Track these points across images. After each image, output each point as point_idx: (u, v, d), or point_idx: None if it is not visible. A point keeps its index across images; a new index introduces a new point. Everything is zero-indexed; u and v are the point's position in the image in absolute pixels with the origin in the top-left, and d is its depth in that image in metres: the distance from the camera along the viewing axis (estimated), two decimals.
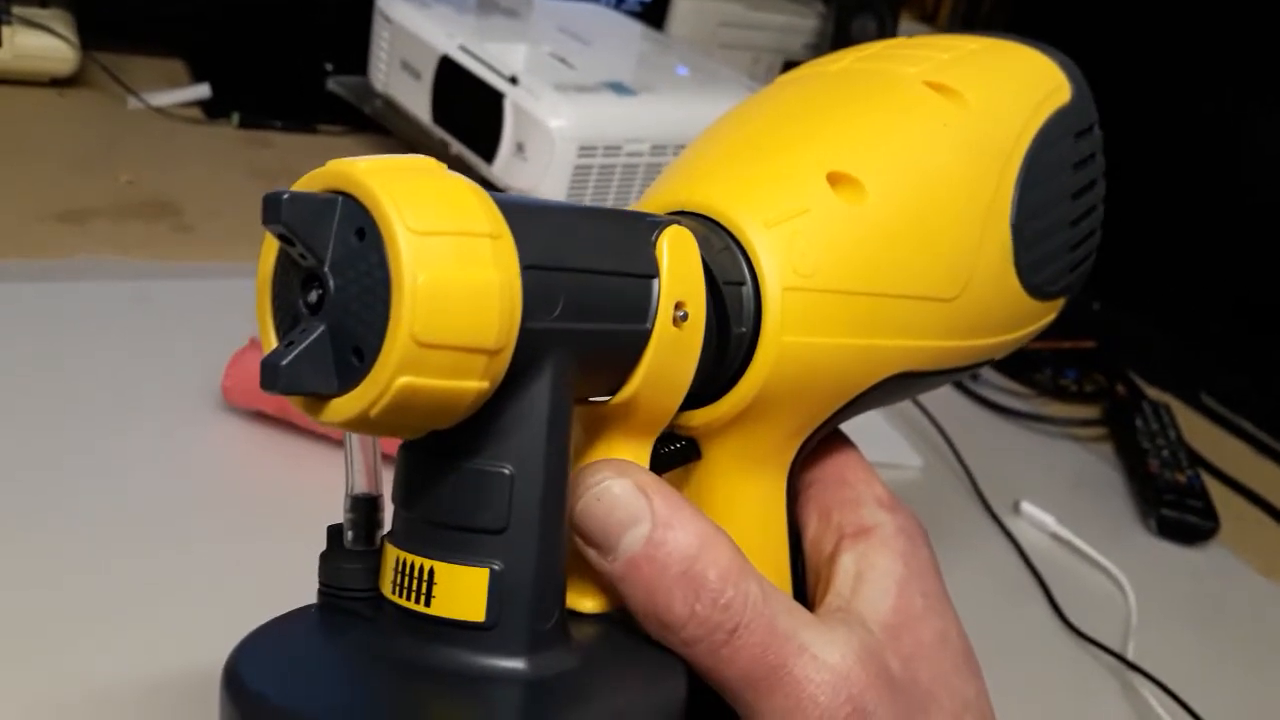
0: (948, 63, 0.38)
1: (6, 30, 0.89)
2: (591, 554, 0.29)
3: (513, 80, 0.80)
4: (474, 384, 0.24)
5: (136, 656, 0.43)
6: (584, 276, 0.26)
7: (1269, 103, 0.98)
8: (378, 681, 0.26)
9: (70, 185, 0.80)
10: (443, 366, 0.23)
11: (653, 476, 0.29)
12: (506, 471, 0.26)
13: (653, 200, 0.33)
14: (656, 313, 0.28)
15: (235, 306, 0.50)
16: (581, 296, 0.26)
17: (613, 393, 0.29)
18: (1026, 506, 0.72)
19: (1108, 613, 0.65)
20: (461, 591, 0.26)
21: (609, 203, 0.83)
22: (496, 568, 0.26)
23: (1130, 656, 0.61)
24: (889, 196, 0.33)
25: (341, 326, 0.24)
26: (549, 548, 0.26)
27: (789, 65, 1.28)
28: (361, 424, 0.24)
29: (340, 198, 0.24)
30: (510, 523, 0.26)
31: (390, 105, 0.94)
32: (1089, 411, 0.88)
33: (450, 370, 0.23)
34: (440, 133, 0.88)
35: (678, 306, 0.28)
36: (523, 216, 0.25)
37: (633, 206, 0.33)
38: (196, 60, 1.04)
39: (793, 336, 0.31)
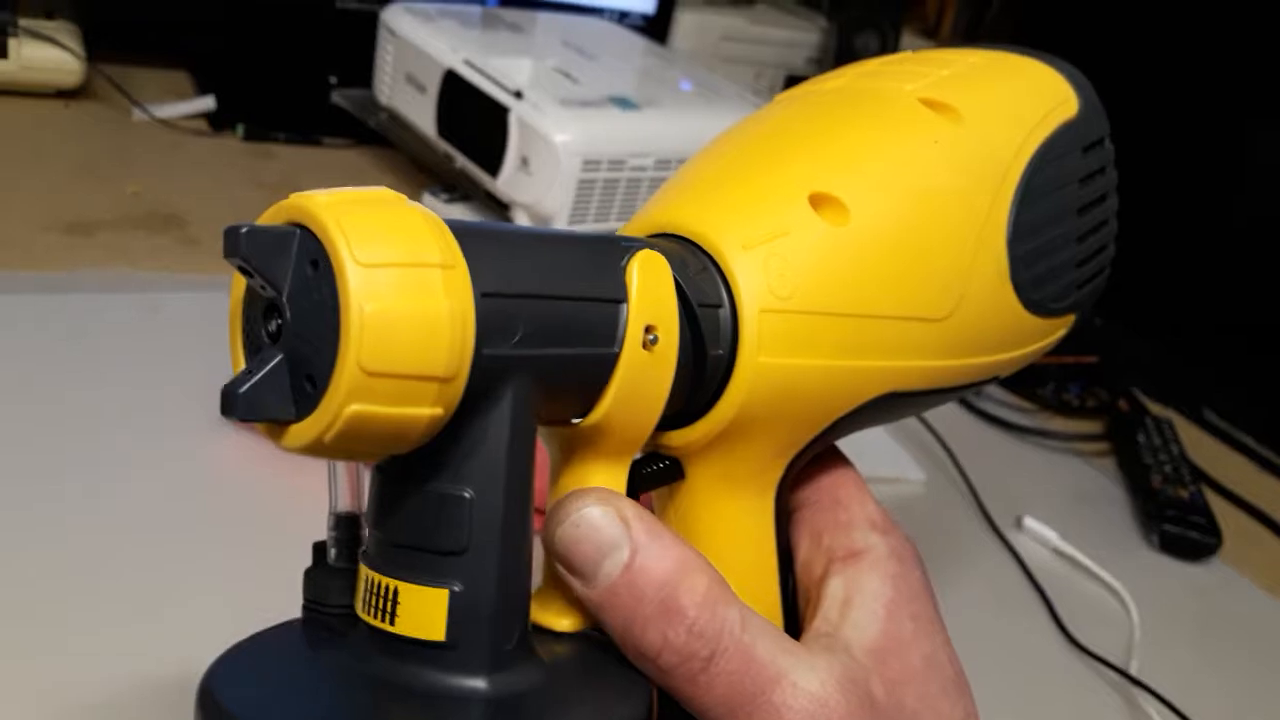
0: (946, 79, 0.37)
1: (13, 42, 0.90)
2: (573, 581, 0.29)
3: (517, 94, 0.80)
4: (426, 411, 0.24)
5: (137, 663, 0.44)
6: (546, 303, 0.27)
7: (1272, 119, 0.97)
8: (345, 700, 0.27)
9: (76, 196, 0.80)
10: (393, 394, 0.24)
11: (633, 504, 0.29)
12: (467, 495, 0.26)
13: (637, 223, 0.33)
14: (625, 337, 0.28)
15: None
16: (543, 323, 0.26)
17: (585, 413, 0.29)
18: (1029, 521, 0.72)
19: (1111, 628, 0.65)
20: (423, 611, 0.26)
21: (613, 217, 0.83)
22: (456, 589, 0.26)
23: (1133, 672, 0.61)
24: (873, 217, 0.33)
25: (298, 355, 0.24)
26: (510, 569, 0.27)
27: (791, 80, 1.28)
28: (318, 449, 0.24)
29: (298, 230, 0.24)
30: (470, 545, 0.26)
31: (394, 118, 0.95)
32: (1091, 427, 0.88)
33: (401, 398, 0.24)
34: (445, 146, 0.88)
35: (648, 330, 0.28)
36: (481, 245, 0.26)
37: (620, 229, 0.33)
38: (201, 72, 1.05)
39: (770, 358, 0.31)
